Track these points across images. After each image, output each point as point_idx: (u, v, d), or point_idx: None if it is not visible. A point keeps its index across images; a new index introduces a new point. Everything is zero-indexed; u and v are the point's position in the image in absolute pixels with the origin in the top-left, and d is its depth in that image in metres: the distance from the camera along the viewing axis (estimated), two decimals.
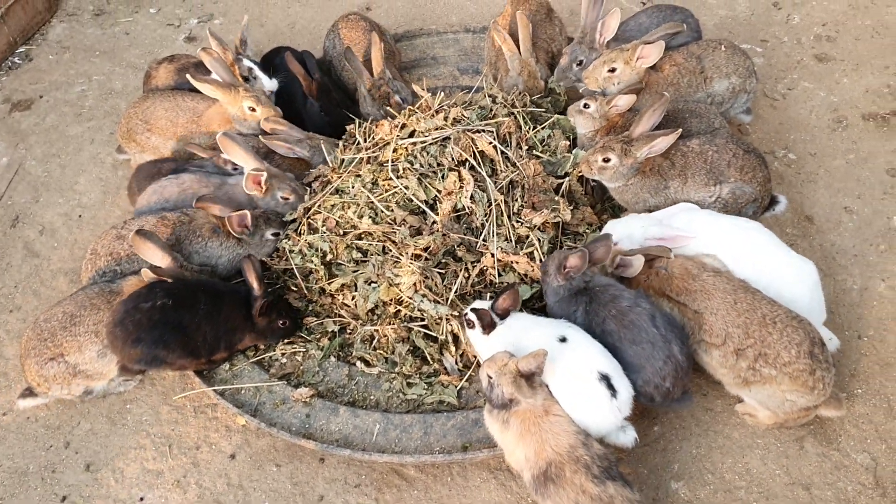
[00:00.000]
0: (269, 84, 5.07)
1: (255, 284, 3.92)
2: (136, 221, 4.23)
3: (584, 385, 3.38)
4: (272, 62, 5.32)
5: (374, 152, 4.51)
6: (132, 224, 4.22)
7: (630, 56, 4.67)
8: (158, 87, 5.19)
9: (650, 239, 3.99)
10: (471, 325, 3.72)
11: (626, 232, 4.08)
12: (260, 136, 4.68)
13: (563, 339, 3.51)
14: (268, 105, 4.77)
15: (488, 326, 3.64)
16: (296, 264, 4.27)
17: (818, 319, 3.83)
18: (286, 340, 4.15)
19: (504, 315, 3.68)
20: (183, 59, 5.31)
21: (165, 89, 5.14)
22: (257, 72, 5.06)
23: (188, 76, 4.72)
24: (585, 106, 4.61)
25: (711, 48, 4.84)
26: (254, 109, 4.73)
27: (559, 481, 3.17)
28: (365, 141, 4.64)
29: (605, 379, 3.37)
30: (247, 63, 5.08)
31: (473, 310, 3.70)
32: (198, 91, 4.85)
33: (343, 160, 4.59)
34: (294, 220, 4.44)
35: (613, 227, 4.16)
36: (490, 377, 3.39)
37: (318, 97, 5.03)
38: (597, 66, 4.81)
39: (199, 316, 3.84)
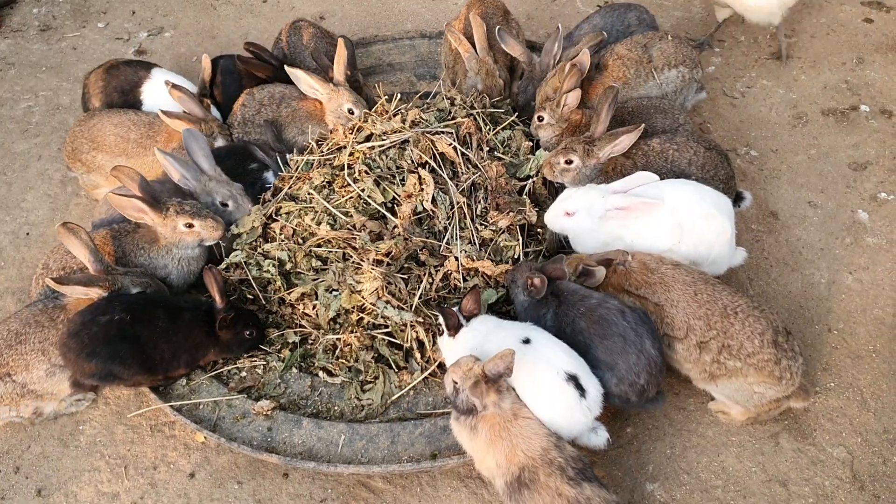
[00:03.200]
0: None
1: (217, 298, 3.77)
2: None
3: (551, 386, 3.27)
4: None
5: (328, 156, 4.41)
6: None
7: (554, 106, 4.57)
8: (91, 94, 5.03)
9: (612, 210, 3.90)
10: (438, 330, 3.62)
11: (586, 203, 3.95)
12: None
13: (527, 341, 3.40)
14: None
15: (454, 328, 3.54)
16: (253, 276, 4.12)
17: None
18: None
19: (470, 316, 3.58)
20: (112, 61, 5.16)
21: (101, 100, 5.02)
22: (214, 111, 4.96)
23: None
24: (540, 119, 4.60)
25: (658, 38, 4.82)
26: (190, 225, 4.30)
27: (534, 486, 3.06)
28: (318, 147, 4.54)
29: (573, 379, 3.27)
30: (216, 112, 4.97)
31: (440, 309, 3.60)
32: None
33: (298, 166, 4.48)
34: (240, 235, 4.28)
35: (572, 196, 4.02)
36: (455, 382, 3.27)
37: None
38: (535, 123, 4.73)
39: (157, 332, 3.69)
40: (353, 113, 4.70)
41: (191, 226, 4.05)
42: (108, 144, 4.67)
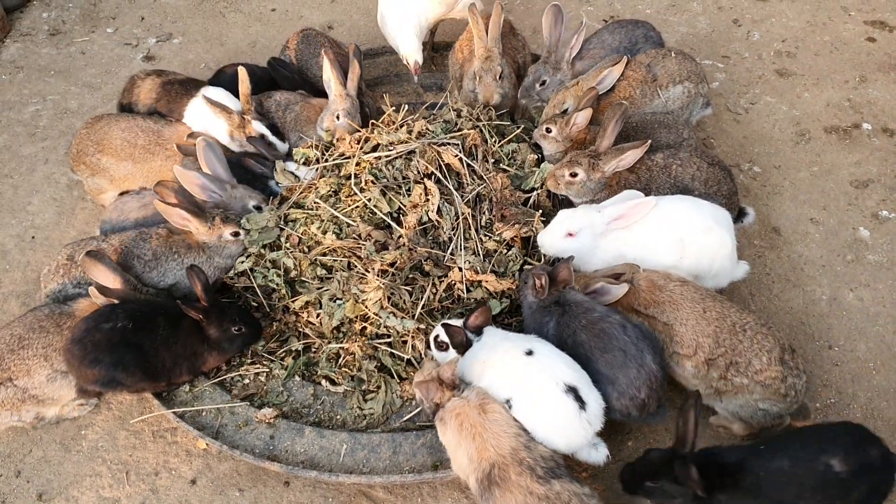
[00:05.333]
0: (283, 147, 4.82)
1: (201, 295, 3.77)
2: (117, 235, 4.14)
3: (550, 397, 3.28)
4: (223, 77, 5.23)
5: (335, 165, 4.44)
6: (112, 238, 4.11)
7: (564, 124, 4.58)
8: (140, 100, 5.01)
9: (612, 221, 3.94)
10: (442, 346, 3.63)
11: (587, 222, 3.98)
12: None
13: (530, 353, 3.41)
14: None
15: (461, 346, 3.55)
16: (258, 284, 4.14)
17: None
18: (250, 360, 4.03)
19: (477, 331, 3.60)
20: (171, 75, 5.13)
21: (148, 108, 5.02)
22: (270, 137, 4.75)
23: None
24: (547, 130, 4.60)
25: (661, 56, 4.85)
26: (237, 234, 4.29)
27: (505, 484, 3.09)
28: (323, 155, 4.57)
29: (572, 390, 3.27)
30: (258, 127, 4.73)
31: (445, 325, 3.60)
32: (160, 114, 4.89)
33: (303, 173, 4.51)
34: (249, 231, 4.27)
35: (572, 217, 4.04)
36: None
37: None
38: (541, 132, 4.72)
39: (158, 340, 3.71)
40: (338, 119, 4.71)
41: (237, 234, 4.15)
42: (115, 148, 4.68)
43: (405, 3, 5.23)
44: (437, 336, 3.68)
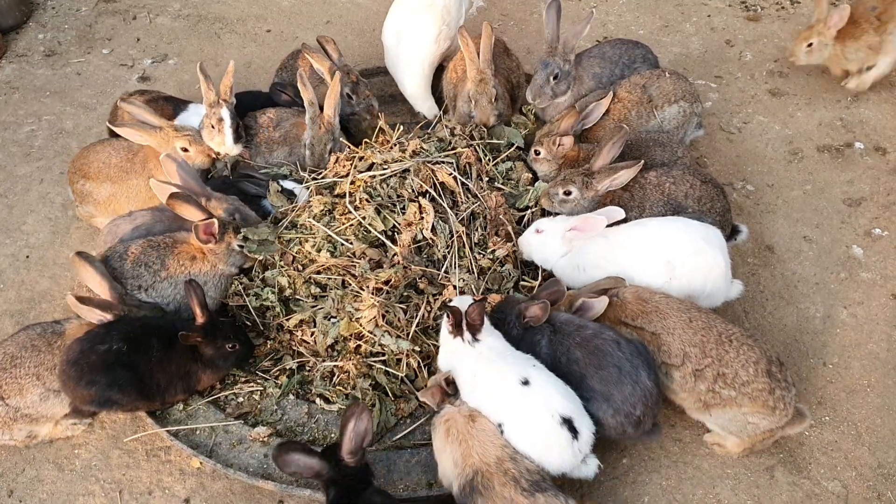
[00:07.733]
0: (231, 148, 4.76)
1: (197, 311, 3.76)
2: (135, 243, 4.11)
3: (546, 430, 3.27)
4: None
5: (323, 182, 4.48)
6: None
7: (551, 144, 4.65)
8: (125, 121, 4.92)
9: (570, 230, 4.04)
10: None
11: (553, 224, 4.16)
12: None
13: (526, 382, 3.35)
14: (201, 144, 4.68)
15: (456, 327, 3.50)
16: (253, 307, 4.14)
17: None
18: (244, 379, 4.03)
19: (472, 329, 3.52)
20: (153, 93, 5.17)
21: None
22: (226, 127, 4.71)
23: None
24: (536, 153, 4.67)
25: (655, 76, 4.89)
26: (186, 150, 4.60)
27: (487, 493, 3.09)
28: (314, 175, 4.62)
29: (567, 422, 3.27)
30: (223, 112, 4.71)
31: (448, 306, 3.57)
32: None
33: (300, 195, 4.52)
34: (245, 238, 4.24)
35: (542, 224, 4.21)
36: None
37: None
38: (531, 157, 4.80)
39: (152, 359, 3.70)
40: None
41: (242, 246, 4.14)
42: (93, 172, 4.69)
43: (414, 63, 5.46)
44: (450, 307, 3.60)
